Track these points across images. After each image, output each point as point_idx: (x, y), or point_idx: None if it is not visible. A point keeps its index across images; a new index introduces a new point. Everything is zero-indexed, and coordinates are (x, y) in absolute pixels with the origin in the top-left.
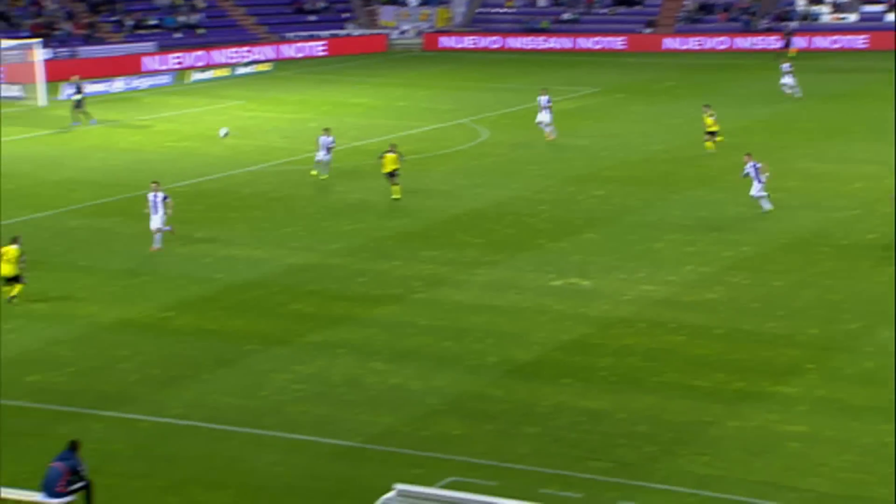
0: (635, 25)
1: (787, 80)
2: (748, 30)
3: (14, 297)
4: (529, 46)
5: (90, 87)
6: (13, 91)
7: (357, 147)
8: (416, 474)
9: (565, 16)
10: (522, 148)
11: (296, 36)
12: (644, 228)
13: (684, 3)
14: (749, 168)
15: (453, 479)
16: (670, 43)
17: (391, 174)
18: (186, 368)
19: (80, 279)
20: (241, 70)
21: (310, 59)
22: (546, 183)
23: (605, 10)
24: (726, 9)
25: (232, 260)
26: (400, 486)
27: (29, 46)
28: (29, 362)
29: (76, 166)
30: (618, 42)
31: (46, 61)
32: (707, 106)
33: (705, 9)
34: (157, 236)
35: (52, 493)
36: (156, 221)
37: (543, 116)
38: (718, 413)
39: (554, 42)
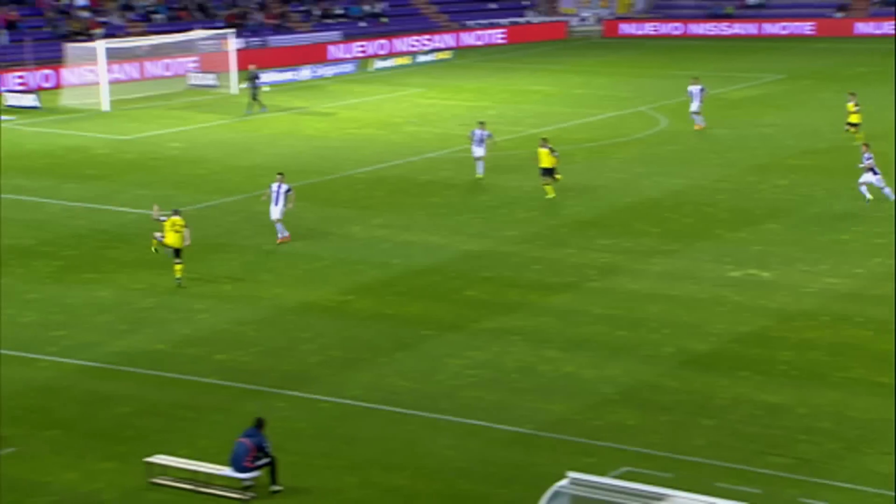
0: (825, 10)
1: None
2: None
3: (180, 279)
4: (713, 32)
5: (279, 76)
6: (208, 79)
7: (534, 135)
8: (589, 463)
9: (751, 0)
10: (702, 136)
11: (476, 24)
12: (829, 219)
13: None
14: (866, 160)
15: (627, 469)
16: (863, 28)
17: (547, 171)
18: (365, 351)
19: (266, 262)
20: (422, 58)
21: (489, 47)
22: (726, 172)
23: None
24: None
25: (409, 245)
26: (573, 475)
27: (223, 36)
28: (218, 341)
29: (265, 152)
30: (806, 27)
31: (238, 50)
32: (853, 94)
33: None
34: (279, 226)
35: (240, 468)
36: (275, 213)
37: (694, 106)
38: None
39: (738, 28)
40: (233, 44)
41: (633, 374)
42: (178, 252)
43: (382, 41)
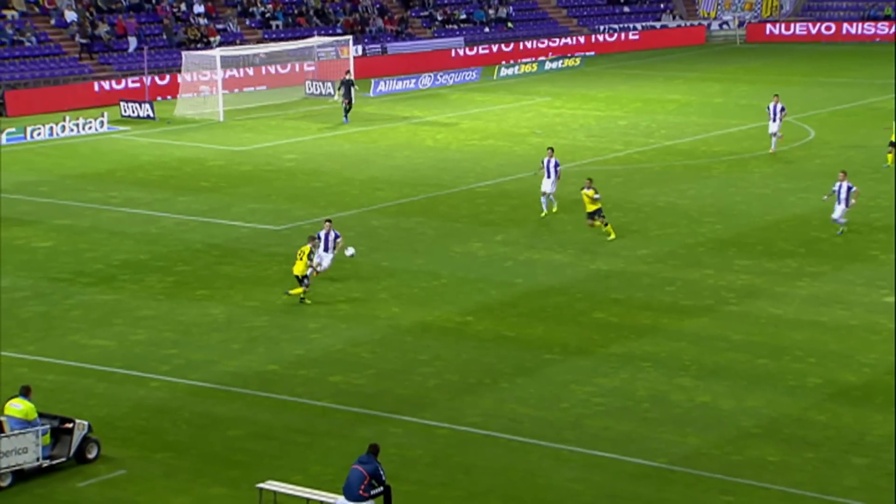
0: None
1: None
2: None
3: (301, 296)
4: (869, 35)
5: (398, 84)
6: (325, 88)
7: (668, 147)
8: (726, 501)
9: None
10: (855, 149)
11: (608, 28)
12: None
13: None
14: (838, 187)
15: None
16: None
17: (592, 216)
18: (484, 375)
19: (383, 280)
20: (550, 65)
21: (621, 53)
22: (882, 188)
23: None
24: None
25: (532, 264)
26: None
27: (341, 43)
28: (332, 362)
29: (382, 164)
30: None
31: (357, 58)
32: None
33: None
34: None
35: (354, 496)
36: (325, 259)
37: (773, 127)
38: None
39: None
40: (351, 51)
41: (776, 407)
42: (303, 280)
43: (508, 47)
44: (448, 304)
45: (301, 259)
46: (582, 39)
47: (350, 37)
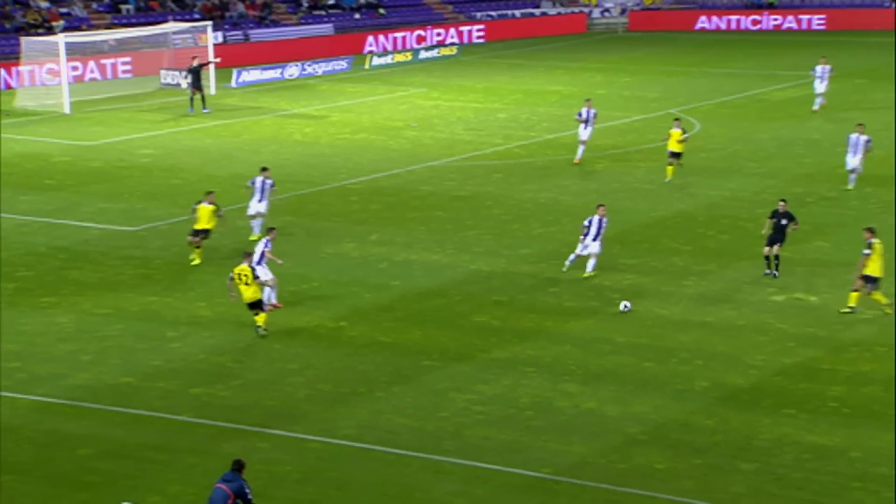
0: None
1: None
2: None
3: (261, 326)
4: (752, 26)
5: (262, 75)
6: (181, 78)
7: (549, 140)
8: None
9: None
10: (741, 142)
11: (485, 16)
12: (885, 236)
13: None
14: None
15: None
16: None
17: (199, 233)
18: (359, 385)
19: None
20: (425, 54)
21: (499, 42)
22: (768, 182)
23: None
24: None
25: (410, 265)
26: None
27: (199, 30)
28: (193, 373)
29: (246, 160)
30: (856, 19)
31: (217, 45)
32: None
33: None
34: (256, 223)
35: None
36: (254, 208)
37: (820, 87)
38: None
39: (782, 20)
40: (210, 38)
41: (663, 412)
42: (258, 303)
43: (380, 35)
44: (319, 308)
45: (246, 282)
46: (458, 27)
47: (209, 23)
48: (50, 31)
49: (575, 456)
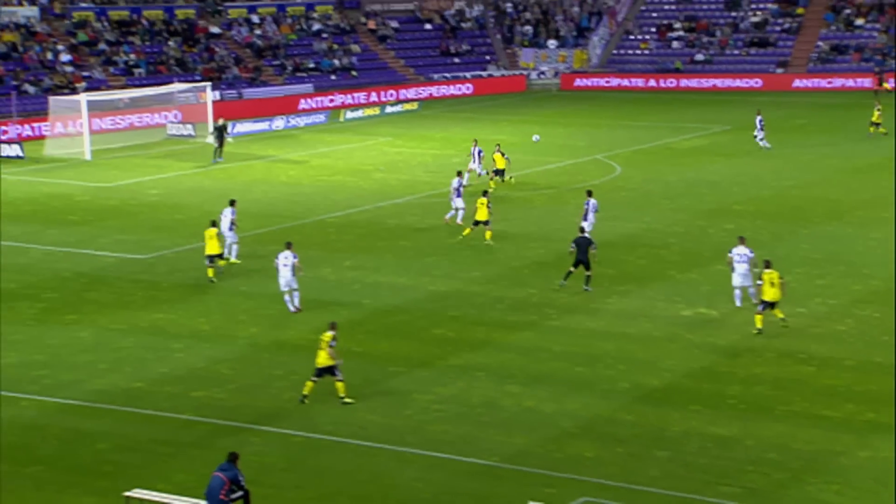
0: (768, 66)
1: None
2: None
3: (344, 397)
4: (663, 86)
5: (254, 126)
6: (185, 129)
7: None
8: (549, 494)
9: (698, 56)
10: (654, 183)
11: (441, 77)
12: (773, 261)
13: (817, 44)
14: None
15: (585, 499)
16: (800, 83)
17: (499, 172)
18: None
19: (242, 303)
20: (390, 109)
21: (454, 98)
22: (677, 217)
23: (738, 52)
24: (859, 49)
25: (378, 286)
26: None
27: (200, 89)
28: (195, 379)
29: (240, 198)
30: (751, 81)
31: (215, 102)
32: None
33: (838, 49)
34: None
35: (215, 501)
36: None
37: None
38: (849, 443)
39: (687, 82)
40: (209, 96)
41: (591, 409)
42: (330, 370)
43: (353, 93)
44: (302, 324)
45: (322, 348)
46: (418, 87)
47: (208, 83)
48: (73, 91)
49: (517, 446)
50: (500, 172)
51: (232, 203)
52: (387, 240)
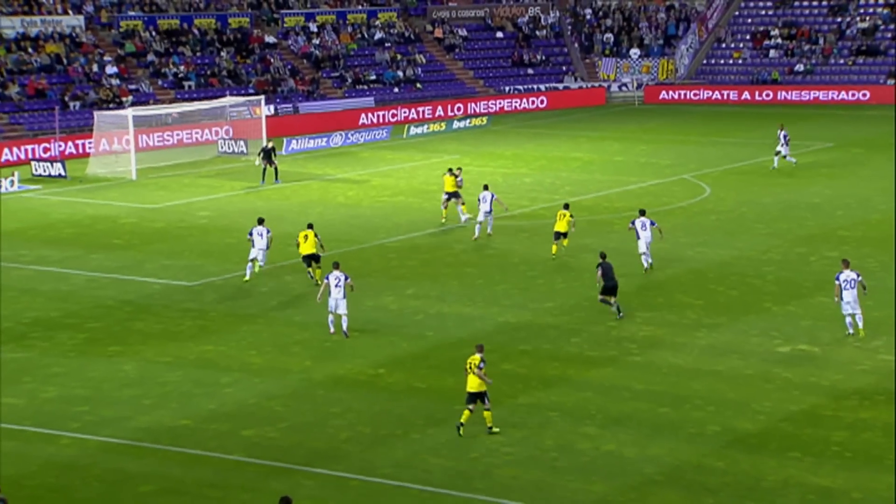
0: (878, 76)
1: None
2: None
3: (491, 426)
4: (758, 99)
5: (310, 143)
6: (238, 146)
7: (572, 203)
8: None
9: (799, 67)
10: (748, 205)
11: (513, 90)
12: (882, 293)
13: None
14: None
15: None
16: None
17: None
18: (396, 427)
19: (295, 334)
20: (457, 124)
21: (526, 113)
22: (773, 242)
23: (843, 61)
24: None
25: (443, 317)
26: None
27: (253, 103)
28: (244, 416)
29: (294, 220)
30: (857, 94)
31: (269, 117)
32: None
33: None
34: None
35: None
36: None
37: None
38: None
39: (785, 94)
40: (263, 110)
41: (677, 454)
42: (481, 396)
43: (417, 107)
44: (360, 357)
45: (471, 371)
46: (488, 100)
47: (262, 97)
48: (119, 105)
49: (595, 495)
50: (454, 195)
51: (261, 221)
52: (452, 266)
